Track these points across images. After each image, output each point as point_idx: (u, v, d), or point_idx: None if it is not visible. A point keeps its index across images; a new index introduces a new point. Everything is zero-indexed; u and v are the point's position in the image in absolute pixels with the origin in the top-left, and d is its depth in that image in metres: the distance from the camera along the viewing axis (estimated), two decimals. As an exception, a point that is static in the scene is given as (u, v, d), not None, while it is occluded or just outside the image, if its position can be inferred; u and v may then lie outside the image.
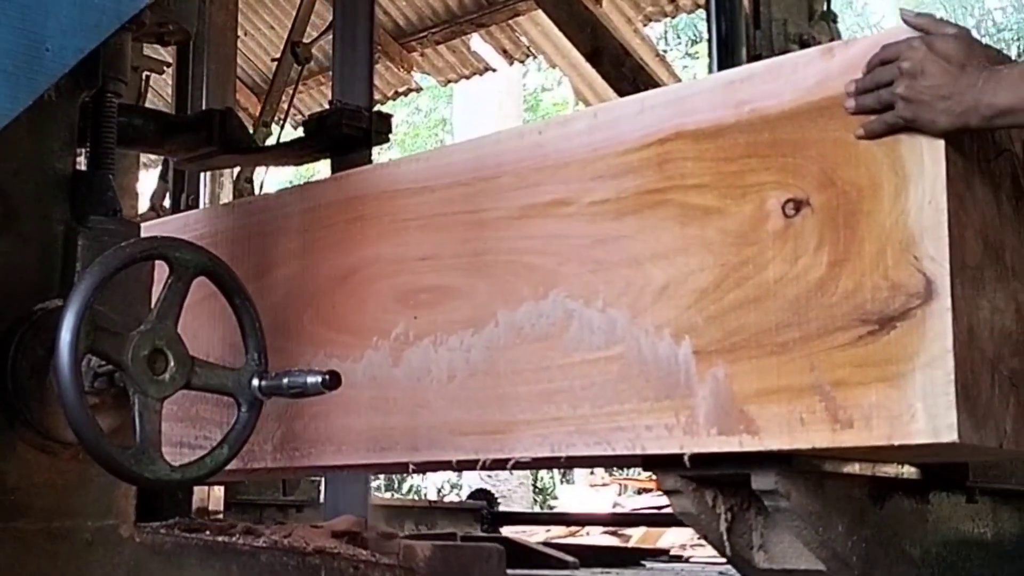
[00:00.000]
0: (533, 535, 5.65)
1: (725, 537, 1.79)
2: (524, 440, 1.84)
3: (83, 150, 1.84)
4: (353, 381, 2.02)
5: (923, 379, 1.46)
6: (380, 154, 2.55)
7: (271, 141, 4.34)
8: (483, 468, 1.90)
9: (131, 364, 1.57)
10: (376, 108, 2.57)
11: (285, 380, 1.67)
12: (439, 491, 16.79)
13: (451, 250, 2.01)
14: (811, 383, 1.54)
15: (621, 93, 5.78)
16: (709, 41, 2.22)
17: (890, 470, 1.76)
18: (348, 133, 2.44)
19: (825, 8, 2.24)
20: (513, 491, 10.74)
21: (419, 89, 7.80)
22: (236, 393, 1.67)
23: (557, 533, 6.21)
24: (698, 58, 17.27)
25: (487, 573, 1.98)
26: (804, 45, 2.06)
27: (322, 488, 3.72)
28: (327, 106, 2.59)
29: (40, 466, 1.64)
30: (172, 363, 1.61)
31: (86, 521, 1.67)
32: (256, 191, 3.40)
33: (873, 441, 1.50)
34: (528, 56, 7.03)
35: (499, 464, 1.88)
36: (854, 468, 1.72)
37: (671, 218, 1.71)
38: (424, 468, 2.04)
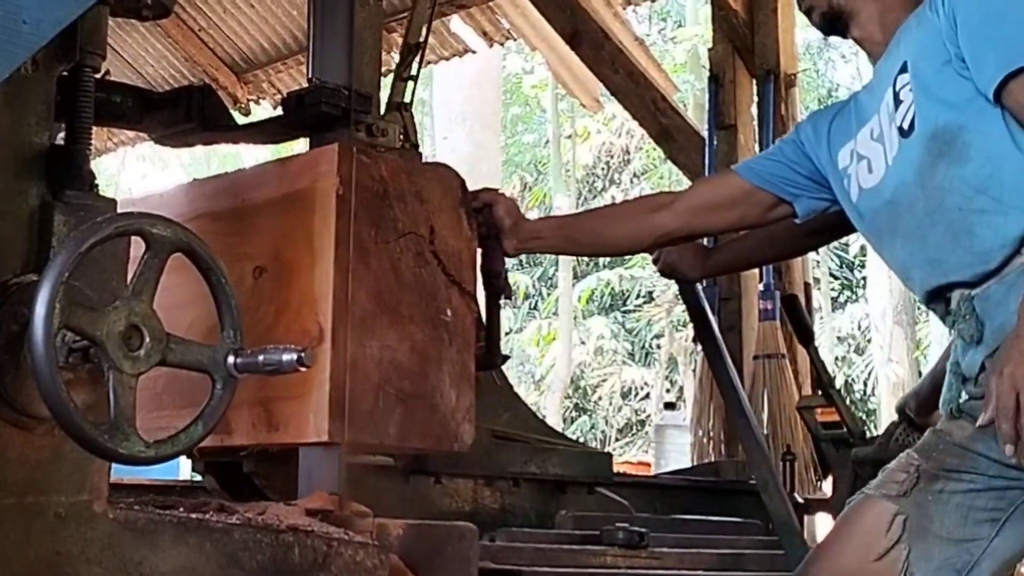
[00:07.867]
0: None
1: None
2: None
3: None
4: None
5: (316, 397, 2.08)
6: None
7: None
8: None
9: (106, 340, 1.56)
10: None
11: (260, 357, 1.67)
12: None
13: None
14: (259, 398, 2.16)
15: (600, 76, 5.82)
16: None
17: (365, 459, 2.41)
18: (327, 112, 2.38)
19: (403, 100, 2.79)
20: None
21: (398, 70, 7.83)
22: (211, 370, 1.67)
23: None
24: (679, 43, 17.52)
25: (460, 551, 2.02)
26: (369, 133, 2.58)
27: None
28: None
29: (14, 441, 1.61)
30: (147, 339, 1.61)
31: (59, 496, 1.64)
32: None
33: (290, 440, 2.13)
34: (508, 38, 7.03)
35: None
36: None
37: (198, 275, 2.35)
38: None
